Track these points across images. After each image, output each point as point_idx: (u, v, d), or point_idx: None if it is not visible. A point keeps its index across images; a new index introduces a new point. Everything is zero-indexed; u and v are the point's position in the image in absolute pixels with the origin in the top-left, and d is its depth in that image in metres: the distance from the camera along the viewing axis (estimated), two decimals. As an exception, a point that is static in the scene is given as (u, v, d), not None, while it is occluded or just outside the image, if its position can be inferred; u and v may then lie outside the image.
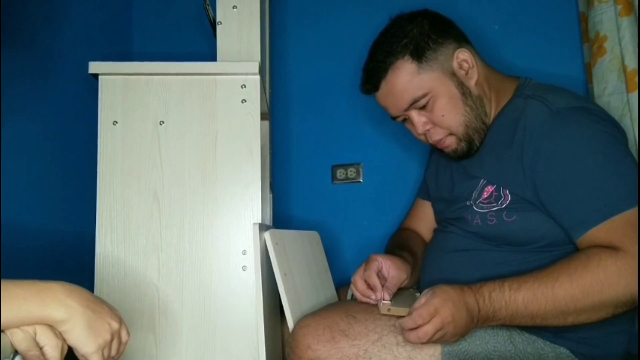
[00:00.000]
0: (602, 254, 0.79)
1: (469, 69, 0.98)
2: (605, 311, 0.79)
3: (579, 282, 0.79)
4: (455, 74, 0.98)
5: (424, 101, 0.97)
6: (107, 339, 0.61)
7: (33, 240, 1.04)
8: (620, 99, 1.16)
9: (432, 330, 0.79)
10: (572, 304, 0.79)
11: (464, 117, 0.98)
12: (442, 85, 0.97)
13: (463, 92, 0.98)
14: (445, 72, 0.97)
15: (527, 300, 0.80)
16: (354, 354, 0.86)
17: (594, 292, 0.78)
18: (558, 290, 0.79)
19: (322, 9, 1.51)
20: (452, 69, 0.98)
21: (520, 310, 0.81)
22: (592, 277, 0.78)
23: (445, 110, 0.97)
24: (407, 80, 0.97)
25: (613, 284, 0.77)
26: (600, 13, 1.19)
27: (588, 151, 0.85)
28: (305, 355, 0.86)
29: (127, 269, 0.93)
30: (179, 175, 0.95)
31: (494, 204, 0.94)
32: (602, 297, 0.78)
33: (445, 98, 0.97)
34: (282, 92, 1.49)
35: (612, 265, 0.78)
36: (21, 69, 1.03)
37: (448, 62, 0.98)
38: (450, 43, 0.99)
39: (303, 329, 0.88)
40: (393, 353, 0.86)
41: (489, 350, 0.86)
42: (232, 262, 0.94)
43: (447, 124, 0.98)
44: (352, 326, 0.88)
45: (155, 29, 1.55)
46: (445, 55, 0.98)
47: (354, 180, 1.45)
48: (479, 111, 0.98)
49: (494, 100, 1.02)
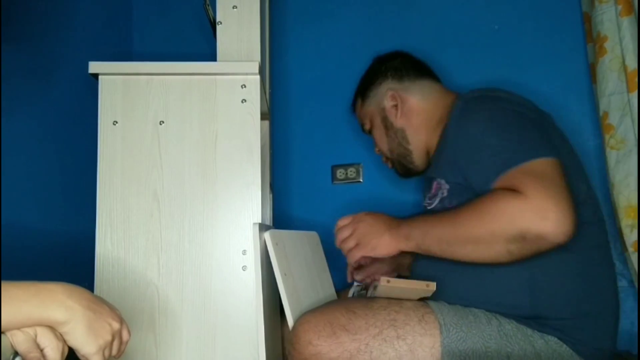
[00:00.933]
0: (500, 192, 0.86)
1: (397, 105, 1.15)
2: (499, 244, 0.84)
3: (475, 211, 0.87)
4: (384, 109, 1.17)
5: (367, 129, 1.25)
6: (107, 340, 0.61)
7: (33, 240, 1.04)
8: (621, 99, 1.16)
9: (347, 230, 1.02)
10: (468, 230, 0.87)
11: (388, 145, 1.20)
12: (374, 118, 1.21)
13: (386, 125, 1.18)
14: (378, 107, 1.19)
15: (436, 225, 0.92)
16: (355, 348, 0.86)
17: (485, 221, 0.85)
18: (458, 217, 0.90)
19: (322, 9, 1.51)
20: (383, 105, 1.18)
21: (429, 232, 0.93)
22: (485, 207, 0.86)
23: (376, 138, 1.23)
24: (358, 111, 1.27)
25: (500, 215, 0.83)
26: (601, 13, 1.19)
27: (487, 124, 0.94)
28: (306, 350, 0.87)
29: (127, 269, 0.93)
30: (179, 175, 0.95)
31: (437, 196, 1.04)
32: (492, 227, 0.84)
33: (375, 129, 1.22)
34: (282, 92, 1.49)
35: (504, 201, 0.84)
36: (21, 69, 1.03)
37: (381, 100, 1.18)
38: (387, 84, 1.18)
39: (304, 325, 0.89)
40: (394, 346, 0.87)
41: (485, 339, 0.88)
42: (232, 262, 0.94)
43: (380, 148, 1.24)
44: (353, 321, 0.89)
45: (155, 29, 1.55)
46: (380, 94, 1.19)
47: (354, 180, 1.45)
48: (401, 140, 1.16)
49: (436, 126, 1.10)
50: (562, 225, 0.80)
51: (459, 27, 1.44)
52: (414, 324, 0.89)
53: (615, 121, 1.18)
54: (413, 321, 0.89)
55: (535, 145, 0.89)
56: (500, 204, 0.84)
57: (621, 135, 1.16)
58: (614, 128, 1.18)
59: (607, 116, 1.19)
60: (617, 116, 1.17)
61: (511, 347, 0.87)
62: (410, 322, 0.89)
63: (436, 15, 1.46)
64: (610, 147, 1.18)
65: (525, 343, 0.88)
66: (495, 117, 0.95)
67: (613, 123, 1.18)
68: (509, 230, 0.82)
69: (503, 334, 0.88)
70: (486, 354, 0.87)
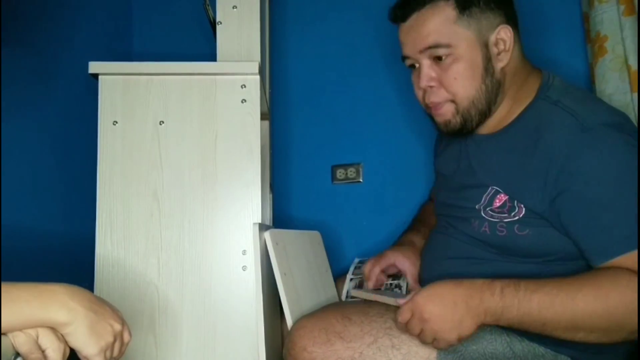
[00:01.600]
0: (631, 275, 0.73)
1: (503, 50, 0.91)
2: (619, 335, 0.74)
3: (605, 299, 0.73)
4: (487, 46, 0.90)
5: (444, 52, 0.89)
6: (109, 341, 0.61)
7: (33, 240, 1.04)
8: (623, 99, 1.16)
9: (416, 326, 0.79)
10: (590, 320, 0.73)
11: (476, 92, 0.90)
12: (470, 49, 0.89)
13: (486, 67, 0.90)
14: (479, 38, 0.90)
15: (543, 305, 0.74)
16: (349, 356, 0.85)
17: (618, 313, 0.72)
18: (579, 302, 0.73)
19: (322, 9, 1.51)
20: (488, 40, 0.90)
21: (533, 314, 0.75)
22: (618, 297, 0.72)
23: (460, 75, 0.90)
24: (438, 23, 0.90)
25: (636, 309, 0.71)
26: (601, 13, 1.19)
27: (619, 176, 0.79)
28: (300, 356, 0.86)
29: (127, 269, 0.93)
30: (179, 175, 0.95)
31: (505, 214, 0.88)
32: (624, 320, 0.72)
33: (466, 63, 0.89)
34: (282, 92, 1.49)
35: (627, 290, 0.72)
36: (21, 69, 1.03)
37: (487, 31, 0.90)
38: (500, 15, 0.91)
39: (299, 330, 0.88)
40: (388, 356, 0.85)
41: (486, 355, 0.84)
42: (232, 262, 0.94)
43: (454, 89, 0.91)
44: (348, 328, 0.88)
45: (155, 29, 1.55)
46: (488, 21, 0.90)
47: (354, 180, 1.45)
48: (491, 95, 0.91)
49: (510, 97, 0.94)
50: None
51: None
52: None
53: None
54: None
55: None
56: (631, 294, 0.72)
57: None
58: None
59: None
60: None
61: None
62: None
63: (436, 15, 1.45)
64: None
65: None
66: (630, 167, 0.78)
67: None
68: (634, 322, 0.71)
69: (510, 351, 0.83)
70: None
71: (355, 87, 1.46)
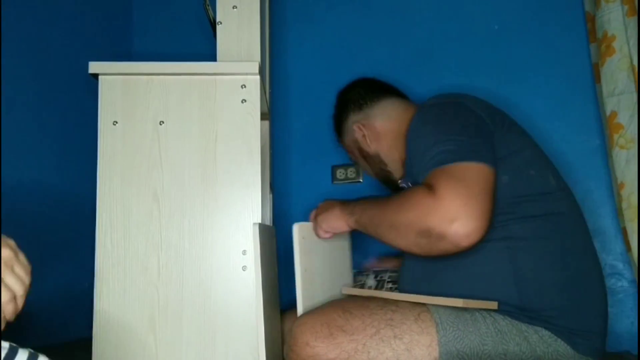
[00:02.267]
0: (419, 187, 0.90)
1: (363, 136, 1.18)
2: (410, 235, 0.89)
3: (397, 201, 0.93)
4: (356, 140, 1.21)
5: (354, 160, 1.30)
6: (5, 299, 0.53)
7: (32, 239, 1.03)
8: (631, 98, 1.16)
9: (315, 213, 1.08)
10: (389, 216, 0.92)
11: (372, 170, 1.24)
12: (353, 151, 1.25)
13: (362, 155, 1.22)
14: (351, 141, 1.22)
15: (372, 204, 0.99)
16: (353, 348, 0.87)
17: (401, 210, 0.90)
18: (386, 204, 0.95)
19: (322, 9, 1.51)
20: (354, 137, 1.21)
21: (366, 210, 0.98)
22: (404, 199, 0.91)
23: (360, 164, 1.29)
24: (343, 146, 1.29)
25: (413, 209, 0.88)
26: (608, 12, 1.19)
27: (429, 125, 0.99)
28: (303, 352, 0.87)
29: (127, 269, 0.93)
30: (179, 175, 0.95)
31: None
32: (405, 218, 0.89)
33: (358, 159, 1.26)
34: (282, 92, 1.49)
35: (419, 196, 0.88)
36: (21, 69, 1.03)
37: (351, 134, 1.21)
38: (350, 117, 1.21)
39: (301, 326, 0.89)
40: (391, 346, 0.87)
41: (482, 337, 0.88)
42: (232, 262, 0.94)
43: (366, 172, 1.30)
44: (349, 321, 0.89)
45: (155, 29, 1.55)
46: (349, 129, 1.22)
47: (354, 180, 1.45)
48: (379, 164, 1.20)
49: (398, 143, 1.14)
50: (465, 228, 0.83)
51: (459, 27, 1.44)
52: (411, 323, 0.89)
53: (625, 120, 1.17)
54: (409, 320, 0.89)
55: (469, 149, 0.91)
56: (415, 198, 0.88)
57: (631, 135, 1.16)
58: (624, 127, 1.17)
59: (615, 115, 1.18)
60: (626, 115, 1.17)
61: (507, 344, 0.88)
62: (406, 321, 0.89)
63: (436, 15, 1.46)
64: (620, 146, 1.17)
65: (520, 339, 0.88)
66: (438, 117, 1.01)
67: (622, 122, 1.17)
68: (418, 224, 0.87)
69: (498, 330, 0.89)
70: (483, 352, 0.87)
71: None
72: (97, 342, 0.91)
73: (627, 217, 1.16)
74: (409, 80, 1.24)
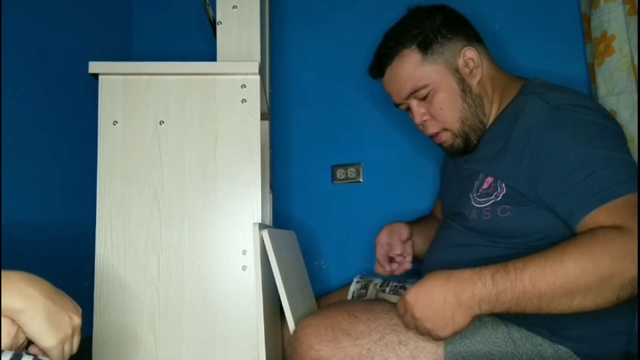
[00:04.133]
0: (607, 229, 0.76)
1: (474, 67, 1.01)
2: (611, 290, 0.73)
3: (588, 253, 0.74)
4: (458, 70, 1.01)
5: (425, 92, 1.01)
6: (68, 333, 0.56)
7: (32, 239, 1.04)
8: (631, 98, 1.16)
9: (410, 323, 0.81)
10: (581, 278, 0.73)
11: (461, 113, 1.00)
12: (444, 80, 1.00)
13: (463, 88, 1.00)
14: (449, 67, 1.00)
15: (535, 278, 0.74)
16: (357, 353, 0.85)
17: (603, 263, 0.73)
18: (567, 262, 0.74)
19: (322, 8, 1.51)
20: (457, 65, 1.01)
21: (527, 290, 0.74)
22: (600, 248, 0.74)
23: (443, 104, 1.00)
24: (410, 70, 1.01)
25: (620, 257, 0.73)
26: (607, 12, 1.18)
27: (585, 142, 0.85)
28: (307, 355, 0.86)
29: (127, 269, 0.93)
30: (179, 175, 0.95)
31: (491, 196, 0.93)
32: (611, 270, 0.73)
33: (445, 92, 1.00)
34: (282, 92, 1.49)
35: (619, 238, 0.74)
36: (21, 69, 1.03)
37: (454, 58, 1.01)
38: (460, 40, 1.01)
39: (305, 329, 0.88)
40: (396, 352, 0.86)
41: (490, 346, 0.86)
42: (232, 262, 0.94)
43: (443, 117, 1.02)
44: (355, 325, 0.88)
45: (155, 29, 1.55)
46: (452, 50, 1.01)
47: (354, 180, 1.45)
48: (477, 109, 1.01)
49: (496, 100, 1.03)
50: None
51: (459, 27, 1.44)
52: None
53: (625, 120, 1.17)
54: None
55: (631, 177, 0.81)
56: (617, 243, 0.74)
57: (631, 134, 1.16)
58: (623, 127, 1.17)
59: (615, 115, 1.18)
60: (626, 115, 1.17)
61: (518, 356, 0.86)
62: None
63: (436, 15, 1.46)
64: None
65: (533, 353, 0.85)
66: (593, 134, 0.86)
67: (622, 122, 1.17)
68: (629, 272, 0.73)
69: (510, 341, 0.86)
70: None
71: (356, 87, 1.46)
72: (97, 342, 0.91)
73: None
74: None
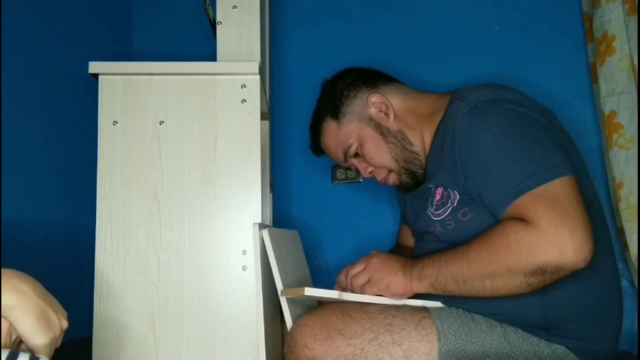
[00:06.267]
0: (512, 224, 0.83)
1: (385, 109, 1.07)
2: (517, 278, 0.81)
3: (488, 246, 0.83)
4: (372, 118, 1.07)
5: (354, 149, 1.10)
6: (57, 335, 0.55)
7: (33, 240, 1.04)
8: (631, 98, 1.16)
9: (363, 278, 0.94)
10: (483, 266, 0.83)
11: (391, 153, 1.07)
12: (363, 132, 1.08)
13: (382, 132, 1.07)
14: (363, 119, 1.08)
15: (449, 260, 0.87)
16: (351, 353, 0.86)
17: (499, 257, 0.82)
18: (471, 253, 0.85)
19: (322, 9, 1.51)
20: (369, 114, 1.08)
21: (442, 269, 0.87)
22: (498, 242, 0.83)
23: (372, 152, 1.08)
24: (334, 137, 1.12)
25: (515, 251, 0.80)
26: (608, 12, 1.19)
27: (501, 138, 0.89)
28: (302, 354, 0.87)
29: (127, 269, 0.93)
30: (179, 175, 0.95)
31: (447, 204, 0.97)
32: (507, 263, 0.81)
33: (368, 142, 1.08)
34: (282, 92, 1.49)
35: (522, 232, 0.80)
36: (21, 69, 1.03)
37: (364, 110, 1.08)
38: (364, 92, 1.09)
39: (300, 328, 0.89)
40: (389, 352, 0.86)
41: (485, 347, 0.86)
42: (232, 262, 0.94)
43: (379, 163, 1.09)
44: (349, 325, 0.88)
45: (155, 29, 1.55)
46: (359, 105, 1.08)
47: (354, 180, 1.45)
48: (404, 143, 1.06)
49: (426, 124, 1.06)
50: (581, 253, 0.77)
51: (459, 27, 1.44)
52: (411, 330, 0.88)
53: (625, 120, 1.17)
54: (409, 326, 0.88)
55: (551, 164, 0.84)
56: (514, 237, 0.81)
57: (631, 135, 1.16)
58: (624, 127, 1.17)
59: (615, 115, 1.18)
60: (626, 115, 1.17)
61: (514, 357, 0.86)
62: (406, 328, 0.88)
63: (436, 15, 1.46)
64: (619, 146, 1.18)
65: (530, 354, 0.86)
66: (510, 127, 0.89)
67: (622, 122, 1.17)
68: (527, 265, 0.79)
69: (506, 342, 0.87)
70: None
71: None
72: (97, 342, 0.91)
73: (624, 216, 1.17)
74: (408, 80, 1.23)
